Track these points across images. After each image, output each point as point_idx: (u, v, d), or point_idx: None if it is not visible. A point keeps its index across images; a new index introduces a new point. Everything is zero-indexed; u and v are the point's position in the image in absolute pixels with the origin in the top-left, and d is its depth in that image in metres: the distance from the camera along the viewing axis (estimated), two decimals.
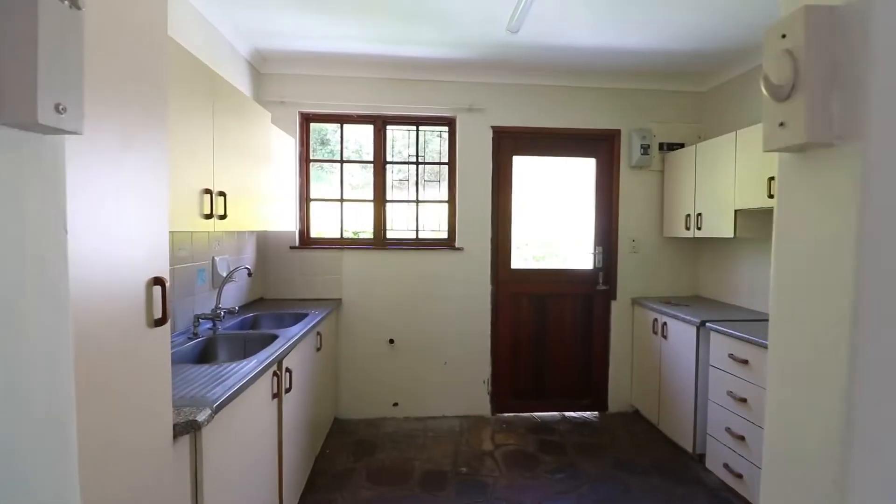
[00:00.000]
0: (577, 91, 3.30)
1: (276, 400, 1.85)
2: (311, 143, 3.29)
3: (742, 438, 2.26)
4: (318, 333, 2.58)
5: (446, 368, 3.27)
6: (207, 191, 1.72)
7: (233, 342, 2.17)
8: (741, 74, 3.04)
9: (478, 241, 3.26)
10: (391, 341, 3.21)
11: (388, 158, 3.27)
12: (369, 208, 3.27)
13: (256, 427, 1.66)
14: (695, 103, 3.41)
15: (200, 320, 2.14)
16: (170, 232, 2.03)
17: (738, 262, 3.06)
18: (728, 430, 2.36)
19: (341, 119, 3.23)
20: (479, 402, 3.30)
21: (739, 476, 2.28)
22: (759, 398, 2.16)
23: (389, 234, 3.28)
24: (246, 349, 2.16)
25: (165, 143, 1.09)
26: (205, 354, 2.07)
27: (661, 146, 3.37)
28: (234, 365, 1.64)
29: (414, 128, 3.29)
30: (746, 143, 2.53)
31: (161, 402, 1.08)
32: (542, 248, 3.50)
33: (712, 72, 3.18)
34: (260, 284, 3.09)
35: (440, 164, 3.32)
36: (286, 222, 2.85)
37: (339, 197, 3.26)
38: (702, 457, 2.68)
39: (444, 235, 3.32)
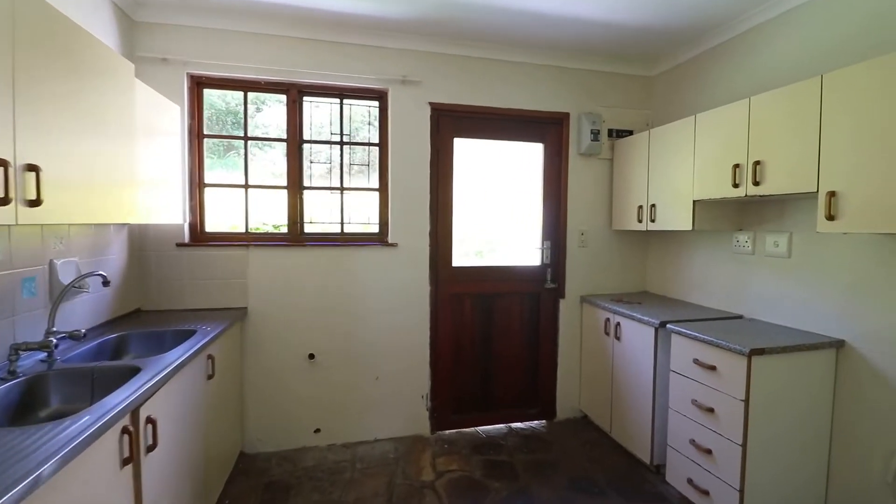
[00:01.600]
0: (526, 68, 2.95)
1: (129, 466, 1.29)
2: (223, 122, 2.64)
3: (709, 452, 2.05)
4: (210, 356, 2.00)
5: (378, 384, 2.80)
6: (2, 162, 1.11)
7: (74, 381, 1.55)
8: (690, 59, 2.86)
9: (414, 235, 2.82)
10: (311, 356, 2.68)
11: (306, 137, 2.71)
12: (282, 196, 2.69)
13: None
14: (643, 88, 3.21)
15: (20, 352, 1.49)
16: None
17: (689, 255, 2.89)
18: (693, 442, 2.14)
19: (245, 85, 2.62)
20: (417, 419, 2.88)
21: (706, 493, 2.07)
22: (729, 409, 1.94)
23: (308, 228, 2.73)
24: (94, 390, 1.55)
25: None
26: (27, 404, 1.44)
27: (610, 133, 3.13)
28: (50, 427, 1.08)
29: (337, 100, 2.75)
30: (708, 127, 2.31)
31: None
32: (486, 243, 3.13)
33: (661, 55, 2.98)
34: (136, 293, 2.42)
35: (369, 145, 2.82)
36: (169, 213, 2.21)
37: (243, 182, 2.65)
38: (659, 468, 2.48)
39: (375, 229, 2.84)
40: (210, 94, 2.65)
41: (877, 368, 1.85)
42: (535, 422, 3.13)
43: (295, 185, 2.68)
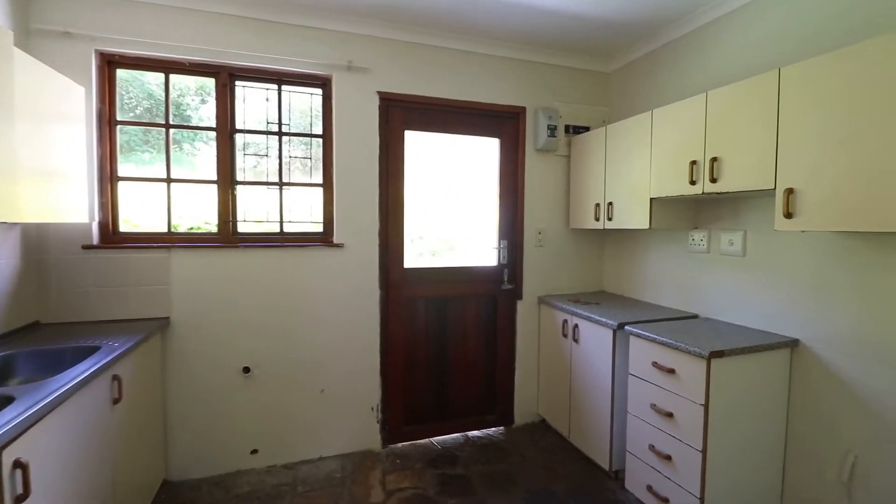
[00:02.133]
0: (481, 58, 2.81)
1: None
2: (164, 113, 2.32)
3: (669, 458, 1.98)
4: (116, 377, 1.72)
5: (324, 397, 2.58)
6: None
7: None
8: (645, 55, 2.82)
9: (362, 234, 2.61)
10: (246, 370, 2.42)
11: (239, 126, 2.45)
12: (212, 192, 2.41)
13: None
14: (600, 84, 3.15)
15: None
16: None
17: (645, 254, 2.85)
18: (652, 448, 2.07)
19: (166, 66, 2.32)
20: (366, 434, 2.68)
21: (665, 500, 2.00)
22: (689, 413, 1.88)
23: (242, 228, 2.47)
24: None
25: None
26: None
27: (566, 129, 3.05)
28: None
29: (275, 87, 2.50)
30: (664, 123, 2.25)
31: None
32: (441, 241, 2.97)
33: (618, 50, 2.92)
34: (33, 304, 2.08)
35: (312, 136, 2.58)
36: (71, 211, 1.90)
37: (164, 176, 2.35)
38: (618, 474, 2.40)
39: (319, 228, 2.60)
40: (148, 82, 2.35)
41: (830, 368, 1.83)
42: (493, 429, 3.00)
43: (226, 179, 2.40)
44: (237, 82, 2.42)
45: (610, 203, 2.65)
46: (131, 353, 1.85)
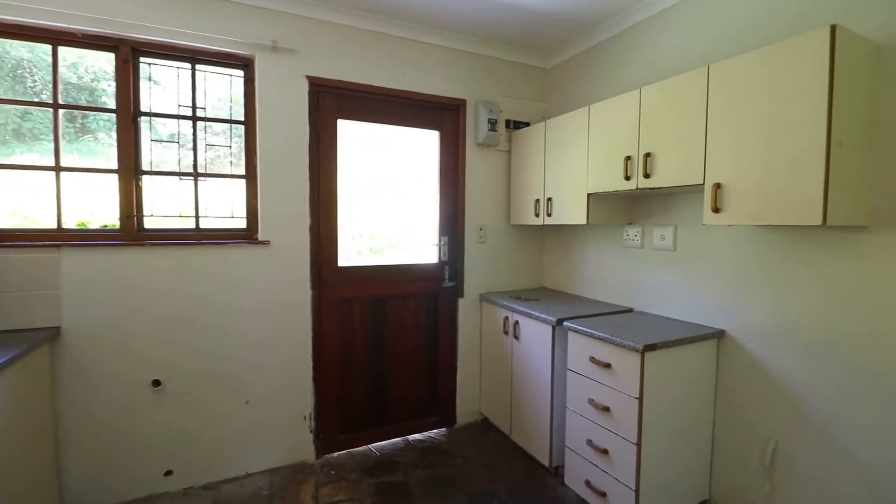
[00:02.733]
0: (420, 47, 2.69)
1: None
2: (76, 99, 1.98)
3: (605, 452, 1.99)
4: None
5: (249, 408, 2.36)
6: None
7: None
8: (583, 51, 2.83)
9: (291, 231, 2.42)
10: (156, 383, 2.15)
11: (146, 108, 2.17)
12: (112, 183, 2.12)
13: None
14: (539, 80, 3.14)
15: None
16: None
17: (583, 250, 2.88)
18: (590, 442, 2.07)
19: (53, 37, 2.00)
20: (298, 445, 2.49)
21: (603, 495, 2.01)
22: (624, 407, 1.89)
23: (150, 223, 2.19)
24: None
25: None
26: None
27: (507, 124, 3.01)
28: None
29: (188, 66, 2.25)
30: (601, 119, 2.26)
31: None
32: (379, 239, 2.83)
33: (557, 46, 2.92)
34: None
35: (232, 122, 2.35)
36: None
37: (52, 164, 2.03)
38: (558, 469, 2.40)
39: (242, 224, 2.38)
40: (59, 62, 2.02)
41: (754, 357, 1.91)
42: (435, 431, 2.92)
43: (129, 168, 2.12)
44: (142, 59, 2.15)
45: (549, 199, 2.64)
46: (5, 371, 1.57)
